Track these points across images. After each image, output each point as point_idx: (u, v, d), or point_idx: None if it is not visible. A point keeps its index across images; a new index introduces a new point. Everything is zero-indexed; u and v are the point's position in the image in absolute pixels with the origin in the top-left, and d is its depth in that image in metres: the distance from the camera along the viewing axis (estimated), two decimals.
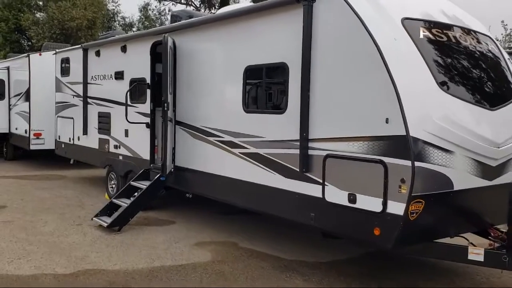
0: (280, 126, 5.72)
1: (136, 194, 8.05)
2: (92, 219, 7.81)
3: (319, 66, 5.19)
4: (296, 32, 5.38)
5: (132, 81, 8.95)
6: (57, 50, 12.37)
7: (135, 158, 8.89)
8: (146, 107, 8.50)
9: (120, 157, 9.38)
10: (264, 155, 5.95)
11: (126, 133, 9.15)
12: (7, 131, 15.31)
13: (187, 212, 8.66)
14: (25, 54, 13.76)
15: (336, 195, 4.99)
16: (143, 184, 7.89)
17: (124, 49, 9.14)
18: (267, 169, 5.89)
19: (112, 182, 9.86)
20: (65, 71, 11.82)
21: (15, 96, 14.78)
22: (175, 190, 7.95)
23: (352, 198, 4.83)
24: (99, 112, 10.16)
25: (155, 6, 41.83)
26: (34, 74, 13.41)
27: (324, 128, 5.16)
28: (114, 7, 36.88)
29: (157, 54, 8.39)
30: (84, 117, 10.68)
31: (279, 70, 5.81)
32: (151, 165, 8.34)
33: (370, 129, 4.68)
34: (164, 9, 38.72)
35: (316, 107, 5.23)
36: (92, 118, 10.46)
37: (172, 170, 7.53)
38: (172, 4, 37.23)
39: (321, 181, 5.16)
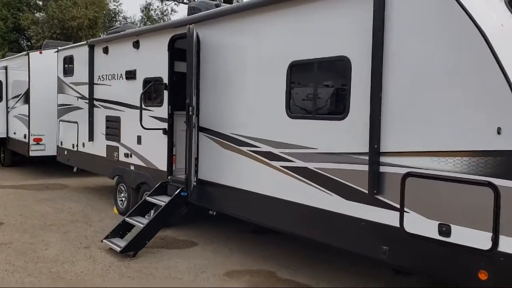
0: (339, 135, 4.64)
1: (152, 211, 6.98)
2: (102, 241, 6.72)
3: (395, 60, 4.12)
4: (363, 18, 4.31)
5: (146, 82, 7.88)
6: (59, 48, 11.29)
7: (149, 169, 7.81)
8: (162, 111, 7.42)
9: (132, 167, 8.30)
10: (315, 171, 4.86)
11: (139, 140, 8.07)
12: (5, 136, 14.22)
13: (209, 230, 7.57)
14: (25, 52, 12.69)
15: (421, 225, 3.92)
16: (161, 201, 6.81)
17: (136, 44, 8.06)
18: (320, 188, 4.81)
19: (122, 194, 8.78)
20: (68, 70, 10.75)
21: (13, 97, 13.69)
22: (196, 206, 6.87)
23: (444, 230, 3.76)
24: (107, 116, 9.08)
25: (157, 6, 40.84)
26: (34, 74, 12.32)
27: (402, 139, 4.08)
28: (115, 7, 35.98)
29: (176, 50, 7.33)
30: (90, 121, 9.60)
31: (337, 66, 4.74)
32: (169, 177, 7.26)
33: (474, 141, 3.61)
34: (167, 9, 37.76)
35: (391, 112, 4.15)
36: (99, 122, 9.38)
37: (195, 184, 6.44)
38: (175, 4, 36.27)
39: (398, 206, 4.08)
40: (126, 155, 8.45)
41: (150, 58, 7.78)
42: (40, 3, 32.55)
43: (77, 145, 10.32)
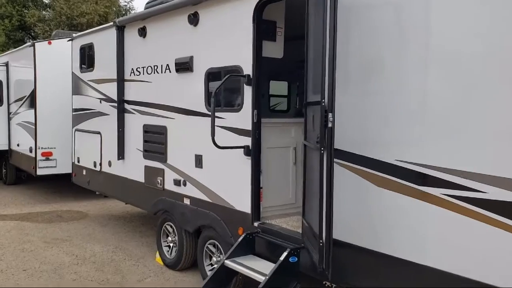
0: None
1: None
2: None
3: None
4: None
5: (212, 74, 5.22)
6: (74, 35, 8.64)
7: (216, 206, 5.13)
8: (242, 119, 4.75)
9: (187, 201, 5.63)
10: None
11: (199, 161, 5.40)
12: (6, 148, 11.60)
13: None
14: (29, 43, 10.04)
15: None
16: (255, 270, 4.11)
17: (194, 19, 5.38)
18: None
19: (170, 238, 6.11)
20: (87, 64, 8.10)
21: (16, 101, 11.07)
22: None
23: None
24: (145, 126, 6.42)
25: None
26: (42, 70, 9.66)
27: None
28: (126, 3, 33.62)
29: (265, 24, 4.67)
30: (119, 132, 6.94)
31: None
32: (256, 224, 4.59)
33: None
34: None
35: None
36: (133, 134, 6.73)
37: (322, 244, 3.71)
38: None
39: None
40: (177, 183, 5.77)
41: (218, 38, 5.10)
42: (46, 1, 30.46)
43: (100, 164, 7.66)
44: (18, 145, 10.93)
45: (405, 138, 3.32)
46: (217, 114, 5.01)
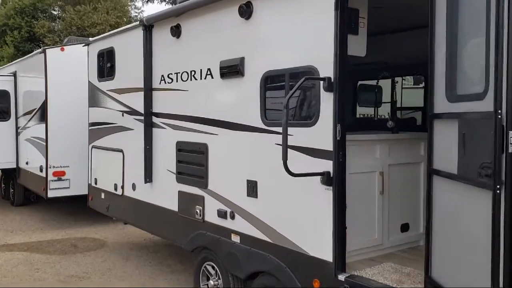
0: None
1: None
2: None
3: None
4: None
5: (270, 78, 4.12)
6: (91, 39, 7.59)
7: (280, 249, 4.00)
8: (317, 135, 3.64)
9: (236, 238, 4.51)
10: None
11: (252, 188, 4.28)
12: (14, 166, 10.55)
13: None
14: (40, 50, 9.02)
15: None
16: None
17: (246, 10, 4.28)
18: None
19: (211, 282, 4.95)
20: (106, 72, 7.04)
21: (24, 114, 10.04)
22: None
23: None
24: (179, 143, 5.33)
25: None
26: (54, 79, 8.61)
27: None
28: (136, 14, 32.92)
29: (348, 13, 3.57)
30: (146, 150, 5.85)
31: None
32: (342, 277, 3.44)
33: None
34: None
35: None
36: (164, 152, 5.64)
37: None
38: None
39: None
40: (223, 214, 4.65)
41: (279, 33, 4.01)
42: (55, 12, 29.86)
43: (122, 187, 6.57)
44: (27, 163, 9.87)
45: None
46: (278, 129, 3.90)
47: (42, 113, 8.83)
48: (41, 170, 8.89)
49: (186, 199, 5.24)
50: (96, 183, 7.39)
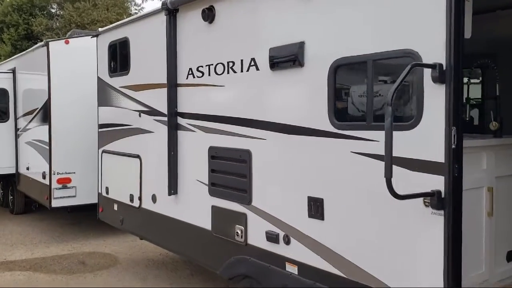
0: None
1: None
2: None
3: None
4: None
5: (343, 68, 3.24)
6: (100, 29, 6.69)
7: (357, 286, 3.11)
8: (419, 141, 2.75)
9: (292, 268, 3.62)
10: None
11: (317, 207, 3.40)
12: (13, 172, 9.65)
13: None
14: (41, 43, 8.09)
15: None
16: None
17: None
18: None
19: None
20: (119, 66, 6.16)
21: (25, 115, 9.13)
22: None
23: None
24: (213, 149, 4.44)
25: None
26: (58, 75, 7.70)
27: None
28: (136, 11, 32.09)
29: None
30: (170, 156, 4.96)
31: None
32: None
33: None
34: None
35: None
36: (192, 159, 4.76)
37: None
38: None
39: None
40: (273, 238, 3.77)
41: (361, 6, 3.11)
42: (53, 10, 29.07)
43: (139, 198, 5.68)
44: (27, 168, 8.97)
45: None
46: (361, 133, 3.03)
47: (45, 114, 7.91)
48: (43, 177, 7.99)
49: (222, 216, 4.36)
50: (107, 193, 6.50)
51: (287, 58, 3.59)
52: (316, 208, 3.41)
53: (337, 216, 3.29)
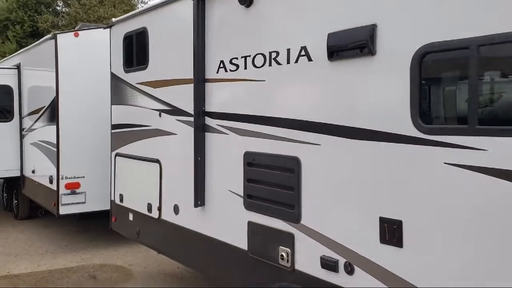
0: None
1: None
2: None
3: None
4: None
5: (434, 56, 2.55)
6: (114, 19, 6.03)
7: None
8: None
9: None
10: None
11: (392, 231, 2.72)
12: (18, 174, 9.02)
13: None
14: (49, 35, 7.44)
15: None
16: None
17: None
18: None
19: None
20: (135, 60, 5.50)
21: (30, 114, 8.51)
22: None
23: None
24: (249, 155, 3.77)
25: None
26: (67, 71, 7.06)
27: None
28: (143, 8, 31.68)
29: None
30: (197, 162, 4.29)
31: None
32: None
33: None
34: None
35: None
36: (223, 166, 4.10)
37: None
38: None
39: None
40: (331, 265, 3.09)
41: None
42: (59, 8, 28.68)
43: (159, 208, 5.02)
44: (33, 171, 8.34)
45: None
46: (461, 139, 2.35)
47: (52, 112, 7.28)
48: (50, 182, 7.36)
49: (261, 235, 3.69)
50: (121, 201, 5.85)
51: (352, 45, 2.91)
52: (391, 232, 2.74)
53: (422, 244, 2.61)
